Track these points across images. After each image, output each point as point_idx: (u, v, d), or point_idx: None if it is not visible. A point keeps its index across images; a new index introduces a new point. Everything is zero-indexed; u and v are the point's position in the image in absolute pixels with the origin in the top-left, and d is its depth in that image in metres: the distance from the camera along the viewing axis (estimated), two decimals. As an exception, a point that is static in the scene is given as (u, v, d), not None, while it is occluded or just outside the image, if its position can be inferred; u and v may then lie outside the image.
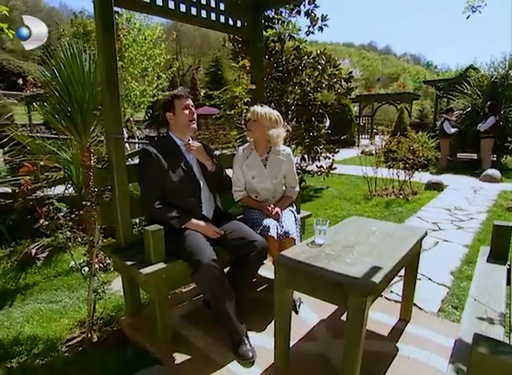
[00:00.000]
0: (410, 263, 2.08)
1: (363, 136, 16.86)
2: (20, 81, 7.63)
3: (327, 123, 6.40)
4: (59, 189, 3.46)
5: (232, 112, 3.43)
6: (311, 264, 1.53)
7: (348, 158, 10.32)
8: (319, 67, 5.73)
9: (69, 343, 2.00)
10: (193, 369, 1.76)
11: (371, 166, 5.84)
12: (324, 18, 5.53)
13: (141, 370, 1.74)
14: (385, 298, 2.49)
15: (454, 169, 8.36)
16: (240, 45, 5.37)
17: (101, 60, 1.89)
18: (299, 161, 6.65)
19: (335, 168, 6.63)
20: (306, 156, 6.56)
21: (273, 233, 2.14)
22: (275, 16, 5.61)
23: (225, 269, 2.12)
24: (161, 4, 2.08)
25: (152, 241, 1.81)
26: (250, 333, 1.95)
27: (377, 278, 1.39)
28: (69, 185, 3.45)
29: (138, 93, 8.57)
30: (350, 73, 6.27)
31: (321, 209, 5.04)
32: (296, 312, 2.25)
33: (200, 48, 52.90)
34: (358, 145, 14.41)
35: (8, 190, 3.02)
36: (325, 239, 1.82)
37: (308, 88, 5.76)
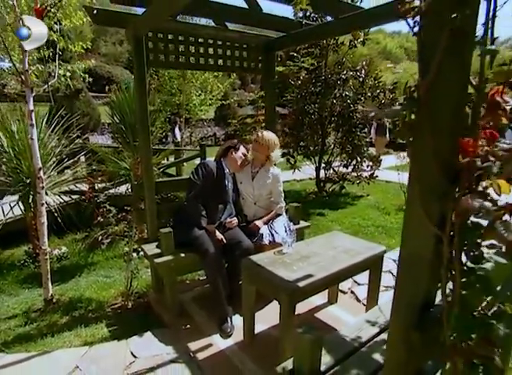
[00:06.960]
0: (373, 273, 2.47)
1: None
2: (107, 88, 9.28)
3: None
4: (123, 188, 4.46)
5: (247, 137, 4.00)
6: (262, 267, 2.07)
7: (406, 164, 10.03)
8: (360, 79, 5.96)
9: (112, 306, 2.84)
10: (187, 335, 2.44)
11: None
12: (366, 33, 5.73)
13: (153, 329, 2.50)
14: (363, 304, 2.86)
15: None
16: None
17: (136, 106, 2.62)
18: (341, 168, 6.93)
19: (376, 176, 6.77)
20: (347, 163, 6.80)
21: (266, 240, 2.71)
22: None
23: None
24: (184, 61, 2.75)
25: (164, 239, 2.51)
26: (236, 316, 2.55)
27: (302, 283, 1.88)
28: (130, 187, 4.41)
29: (197, 103, 9.72)
30: (395, 83, 6.36)
31: (349, 217, 5.34)
32: (282, 306, 2.79)
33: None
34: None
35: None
36: (290, 249, 2.32)
37: (349, 101, 6.02)
